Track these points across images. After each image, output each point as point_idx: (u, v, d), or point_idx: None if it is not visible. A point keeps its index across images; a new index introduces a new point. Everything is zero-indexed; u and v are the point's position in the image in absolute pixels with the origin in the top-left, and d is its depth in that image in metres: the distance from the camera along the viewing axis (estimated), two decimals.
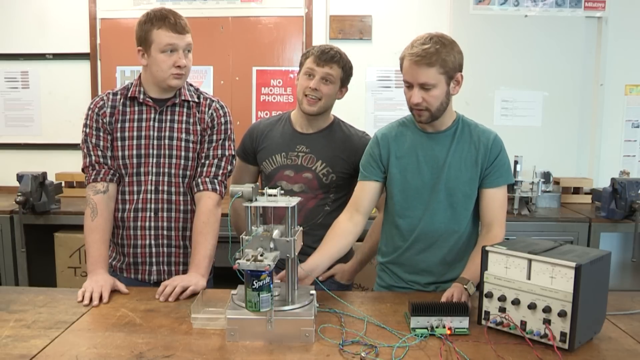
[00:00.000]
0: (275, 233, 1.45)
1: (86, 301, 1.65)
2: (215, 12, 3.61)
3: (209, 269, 1.86)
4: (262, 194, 1.49)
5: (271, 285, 1.35)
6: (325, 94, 2.00)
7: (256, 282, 1.33)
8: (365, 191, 1.86)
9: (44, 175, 3.06)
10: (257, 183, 1.54)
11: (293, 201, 1.46)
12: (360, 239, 2.14)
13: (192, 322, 1.48)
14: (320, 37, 3.62)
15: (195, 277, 1.77)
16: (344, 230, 1.83)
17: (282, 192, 1.50)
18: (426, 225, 1.80)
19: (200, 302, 1.56)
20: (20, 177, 2.99)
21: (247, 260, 1.34)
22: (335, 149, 2.06)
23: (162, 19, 1.81)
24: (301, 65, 2.05)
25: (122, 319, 1.54)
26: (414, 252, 1.84)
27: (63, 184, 3.42)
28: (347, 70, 2.05)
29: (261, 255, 1.36)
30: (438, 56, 1.64)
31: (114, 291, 1.74)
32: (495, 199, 1.79)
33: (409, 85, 1.71)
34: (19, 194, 2.92)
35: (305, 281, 1.63)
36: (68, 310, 1.60)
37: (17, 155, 3.75)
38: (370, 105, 3.68)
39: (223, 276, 2.01)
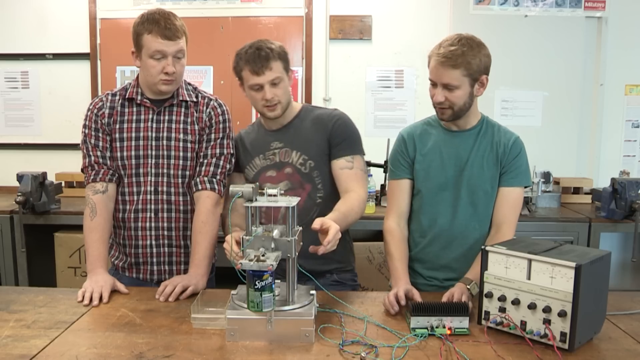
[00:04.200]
0: (275, 233, 1.45)
1: (86, 301, 1.65)
2: (215, 12, 3.62)
3: (209, 268, 1.87)
4: (262, 194, 1.49)
5: (273, 286, 1.36)
6: (280, 95, 1.87)
7: (259, 282, 1.33)
8: (402, 191, 1.87)
9: (44, 175, 3.06)
10: (257, 183, 1.54)
11: (293, 201, 1.46)
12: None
13: (192, 322, 1.48)
14: (321, 37, 3.62)
15: (195, 277, 1.77)
16: (402, 236, 1.85)
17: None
18: (447, 222, 1.82)
19: (200, 302, 1.56)
20: (20, 177, 2.99)
21: (250, 260, 1.34)
22: (307, 134, 1.94)
23: (153, 22, 1.78)
24: (237, 74, 1.91)
25: (122, 319, 1.54)
26: (434, 249, 1.86)
27: (63, 184, 3.42)
28: (284, 57, 1.87)
29: (263, 256, 1.36)
30: (463, 58, 1.66)
31: (114, 291, 1.74)
32: (507, 198, 1.80)
33: (434, 84, 1.74)
34: (19, 194, 2.92)
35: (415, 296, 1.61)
36: (68, 310, 1.60)
37: (17, 155, 3.75)
38: (370, 105, 3.67)
39: (223, 276, 2.01)
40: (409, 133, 1.90)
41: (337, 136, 1.90)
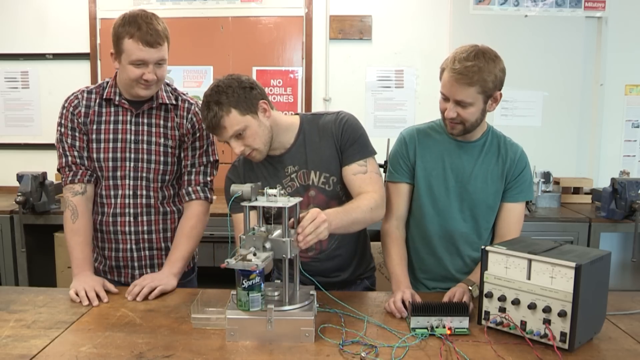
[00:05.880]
0: (277, 233, 1.44)
1: (84, 302, 1.64)
2: (215, 12, 3.62)
3: (183, 269, 1.85)
4: (262, 194, 1.49)
5: (262, 286, 1.36)
6: (252, 143, 1.67)
7: (246, 282, 1.34)
8: (401, 195, 1.84)
9: (44, 175, 3.06)
10: (259, 183, 1.53)
11: (292, 201, 1.46)
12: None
13: (192, 322, 1.48)
14: (321, 37, 3.63)
15: (167, 277, 1.77)
16: (401, 239, 1.83)
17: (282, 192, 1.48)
18: (447, 233, 1.81)
19: (200, 302, 1.56)
20: (20, 177, 2.99)
21: (236, 259, 1.34)
22: (319, 150, 1.78)
23: (134, 26, 1.70)
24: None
25: (122, 319, 1.54)
26: (434, 259, 1.84)
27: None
28: (240, 103, 1.64)
29: (254, 255, 1.36)
30: (480, 76, 1.59)
31: (107, 291, 1.73)
32: (512, 213, 1.79)
33: (446, 98, 1.68)
34: (19, 194, 2.93)
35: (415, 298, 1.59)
36: (68, 310, 1.60)
37: (17, 155, 3.75)
38: (370, 105, 3.68)
39: (223, 276, 2.01)
40: (411, 135, 1.85)
41: (346, 141, 1.75)
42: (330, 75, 3.66)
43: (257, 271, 1.34)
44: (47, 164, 3.38)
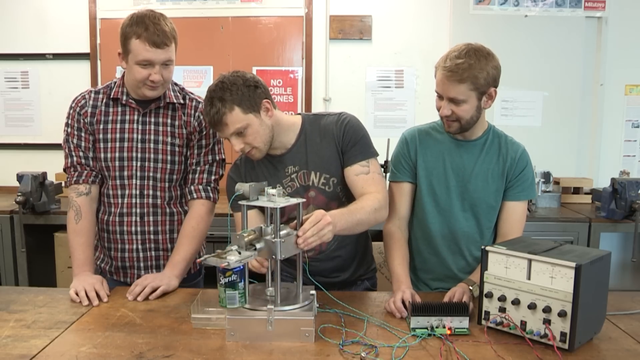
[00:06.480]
0: (283, 233, 1.43)
1: (84, 301, 1.64)
2: (215, 12, 3.62)
3: (185, 270, 1.85)
4: (263, 194, 1.49)
5: (240, 284, 1.36)
6: (252, 141, 1.67)
7: (222, 278, 1.35)
8: (403, 195, 1.85)
9: (44, 175, 3.06)
10: (264, 182, 1.52)
11: (291, 201, 1.45)
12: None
13: (192, 322, 1.48)
14: (321, 37, 3.63)
15: (168, 277, 1.76)
16: (403, 239, 1.83)
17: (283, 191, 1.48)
18: (450, 232, 1.81)
19: (200, 302, 1.56)
20: (20, 177, 3.00)
21: (211, 255, 1.35)
22: (320, 151, 1.77)
23: (142, 26, 1.70)
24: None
25: (122, 319, 1.54)
26: (437, 259, 1.84)
27: (63, 184, 3.42)
28: (242, 101, 1.64)
29: (239, 254, 1.36)
30: (470, 72, 1.61)
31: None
32: (514, 212, 1.80)
33: (440, 97, 1.70)
34: (19, 194, 2.93)
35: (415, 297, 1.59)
36: (68, 310, 1.60)
37: (17, 155, 3.75)
38: (370, 105, 3.68)
39: None
40: (412, 135, 1.86)
41: (347, 142, 1.75)
42: (330, 75, 3.66)
43: (235, 269, 1.34)
44: (47, 164, 3.38)
